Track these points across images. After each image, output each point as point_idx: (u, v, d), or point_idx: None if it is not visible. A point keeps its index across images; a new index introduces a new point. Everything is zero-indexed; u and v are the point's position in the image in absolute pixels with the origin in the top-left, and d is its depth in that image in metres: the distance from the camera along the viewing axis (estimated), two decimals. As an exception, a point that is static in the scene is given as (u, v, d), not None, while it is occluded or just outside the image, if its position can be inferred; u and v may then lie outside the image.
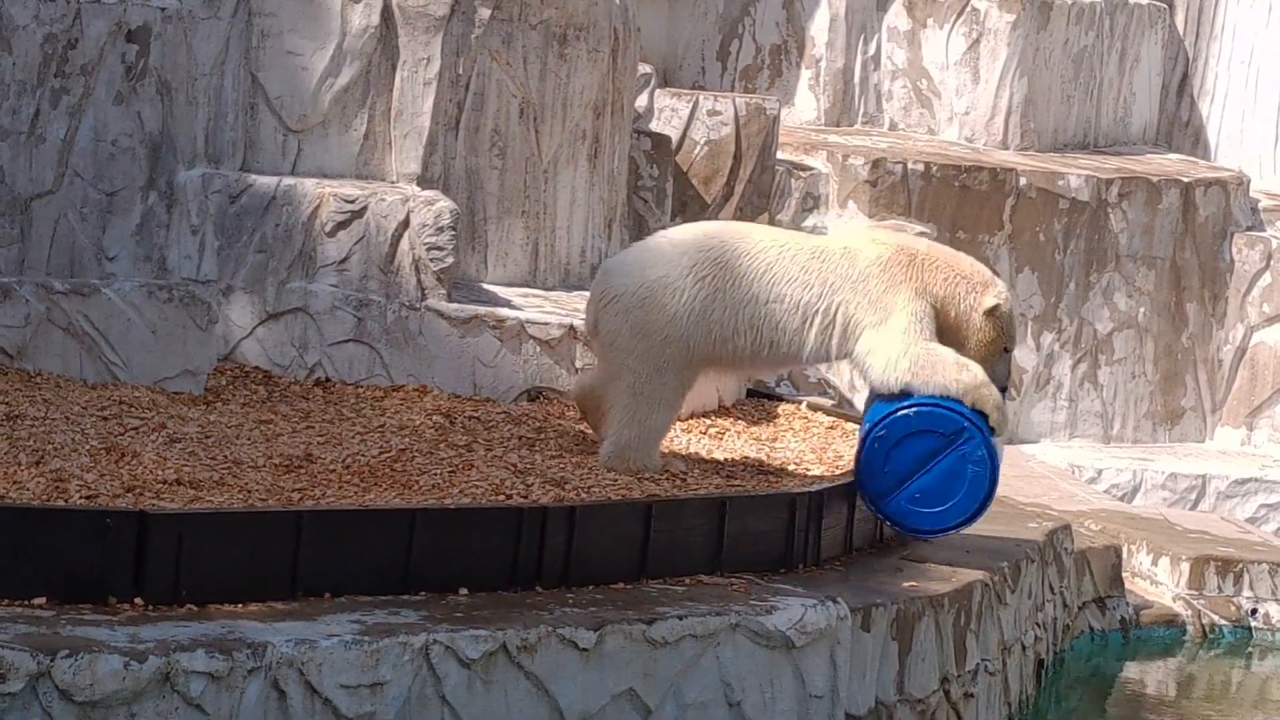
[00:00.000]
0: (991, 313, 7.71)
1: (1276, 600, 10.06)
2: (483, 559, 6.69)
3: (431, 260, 8.98)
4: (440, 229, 9.00)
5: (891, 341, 7.66)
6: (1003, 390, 7.80)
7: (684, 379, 7.86)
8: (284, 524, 6.40)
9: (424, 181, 9.29)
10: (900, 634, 7.27)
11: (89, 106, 8.43)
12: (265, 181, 8.97)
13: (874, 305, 7.70)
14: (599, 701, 6.50)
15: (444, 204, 9.07)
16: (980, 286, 7.74)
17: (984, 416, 7.59)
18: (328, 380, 8.87)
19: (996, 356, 7.77)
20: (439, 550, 6.61)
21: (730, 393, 9.31)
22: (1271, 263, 12.43)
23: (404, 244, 8.99)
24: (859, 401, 11.52)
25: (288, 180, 9.02)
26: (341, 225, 8.97)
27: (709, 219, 11.48)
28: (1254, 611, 10.03)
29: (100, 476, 6.87)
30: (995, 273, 7.87)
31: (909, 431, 7.61)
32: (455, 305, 9.02)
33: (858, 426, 9.14)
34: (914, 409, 7.62)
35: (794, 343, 7.77)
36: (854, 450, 8.48)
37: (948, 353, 7.64)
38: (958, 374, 7.65)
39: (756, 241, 7.90)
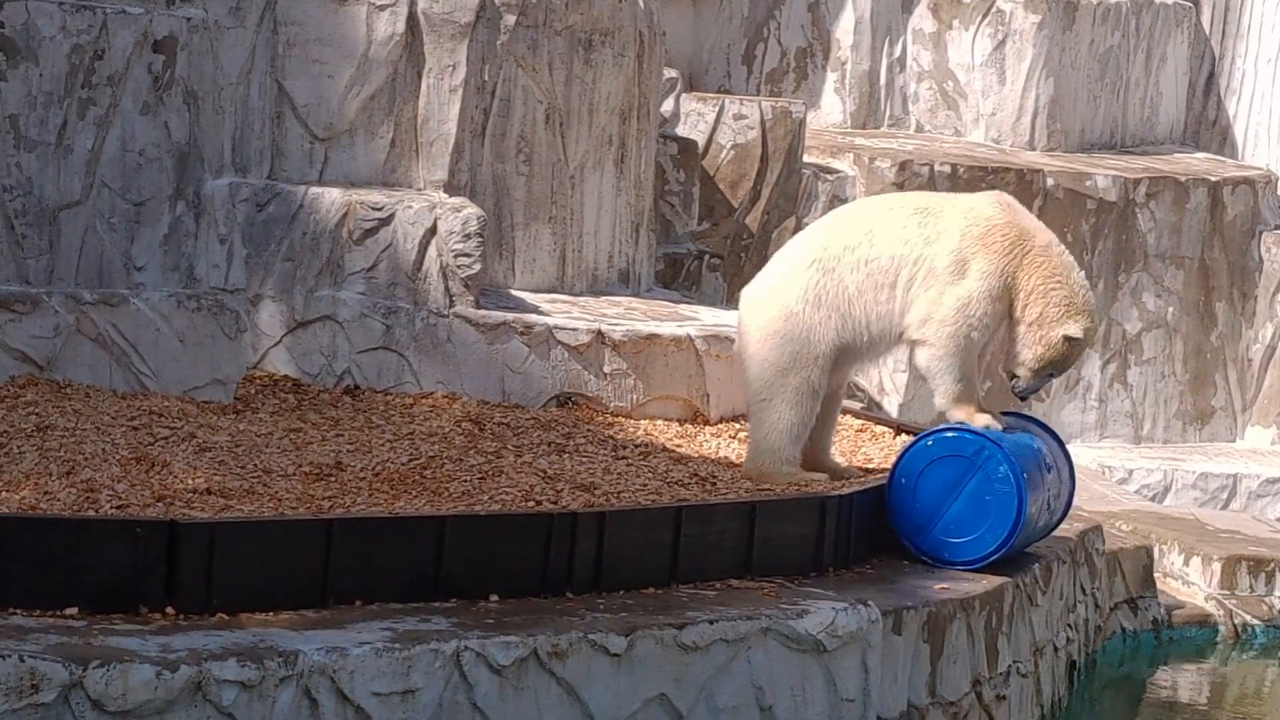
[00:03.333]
0: (1069, 339, 7.67)
1: (1309, 600, 10.04)
2: (513, 565, 6.70)
3: (459, 267, 8.98)
4: (467, 236, 9.00)
5: (946, 307, 7.61)
6: (1022, 399, 7.83)
7: (810, 379, 7.82)
8: (314, 532, 6.41)
9: (451, 188, 9.30)
10: (932, 636, 7.25)
11: (116, 117, 8.46)
12: (292, 190, 8.99)
13: (957, 261, 7.65)
14: (630, 707, 6.50)
15: (471, 211, 9.08)
16: (1076, 310, 7.67)
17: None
18: (357, 388, 8.88)
19: (1040, 375, 7.74)
20: (469, 557, 6.61)
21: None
22: (1301, 261, 12.40)
23: (431, 251, 8.99)
24: (889, 405, 11.51)
25: (315, 188, 9.03)
26: (369, 233, 8.98)
27: (736, 223, 11.48)
28: (1286, 611, 10.02)
29: (131, 486, 6.89)
30: (1095, 304, 7.85)
31: (931, 459, 7.58)
32: (483, 312, 9.02)
33: (887, 430, 9.14)
34: (931, 438, 7.60)
35: (891, 301, 7.72)
36: (885, 457, 8.48)
37: (970, 359, 7.63)
38: (955, 383, 7.64)
39: (865, 211, 7.93)
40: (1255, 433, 12.38)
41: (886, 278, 7.71)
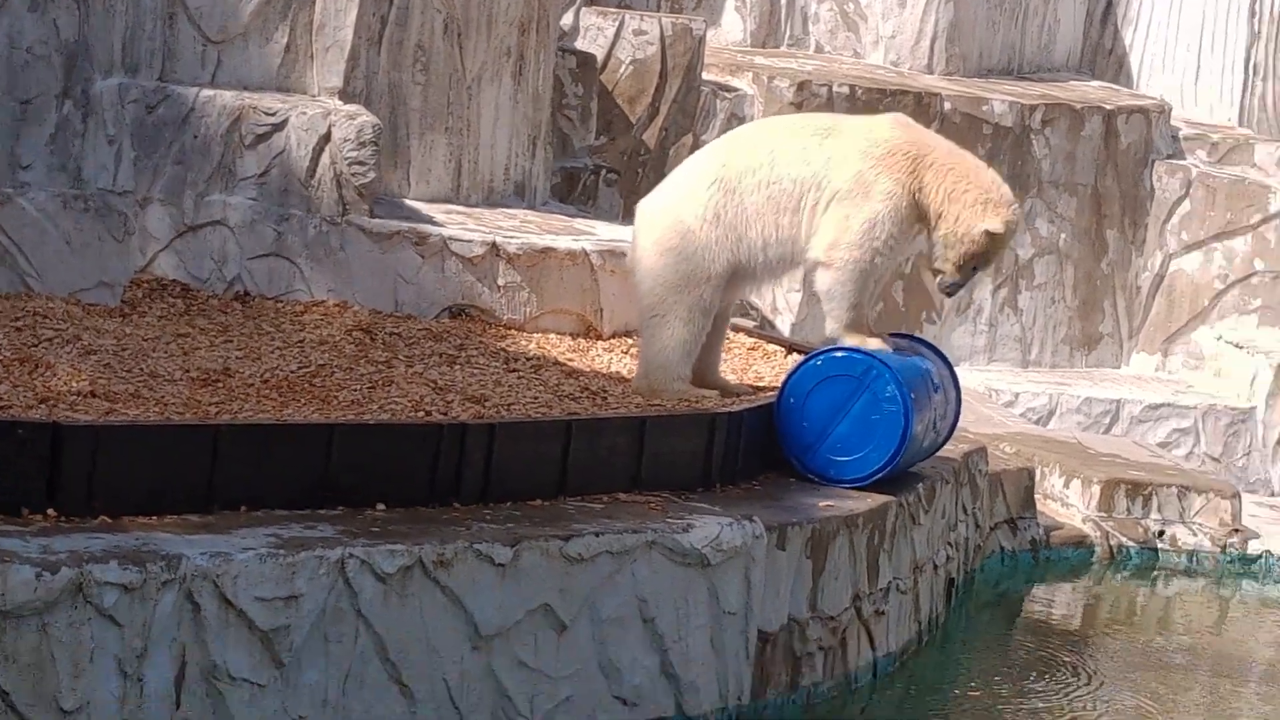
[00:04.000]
0: (989, 233, 7.70)
1: (1184, 523, 10.19)
2: (401, 475, 6.70)
3: (353, 175, 8.93)
4: (362, 144, 8.95)
5: (853, 231, 7.64)
6: (949, 294, 7.87)
7: (704, 297, 7.83)
8: (200, 438, 6.38)
9: (346, 96, 9.23)
10: (814, 553, 7.33)
11: (3, 14, 8.32)
12: (184, 92, 8.89)
13: (859, 184, 7.68)
14: (514, 616, 6.53)
15: (366, 119, 9.02)
16: (993, 205, 7.71)
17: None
18: (246, 294, 8.82)
19: (965, 270, 7.77)
20: (357, 465, 6.61)
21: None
22: (1191, 191, 12.52)
23: (325, 158, 8.93)
24: (782, 324, 11.57)
25: (207, 91, 8.94)
26: (261, 138, 8.91)
27: (633, 139, 11.47)
28: (1161, 534, 10.16)
29: (13, 388, 6.83)
30: (1013, 195, 7.87)
31: (820, 379, 7.64)
32: (377, 221, 8.98)
33: (779, 348, 9.19)
34: (820, 357, 7.67)
35: (793, 226, 7.75)
36: (776, 376, 8.54)
37: (869, 285, 7.68)
38: (849, 310, 7.69)
39: (768, 132, 7.93)
40: (1140, 359, 12.53)
41: (789, 201, 7.74)
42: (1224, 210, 12.48)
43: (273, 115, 8.92)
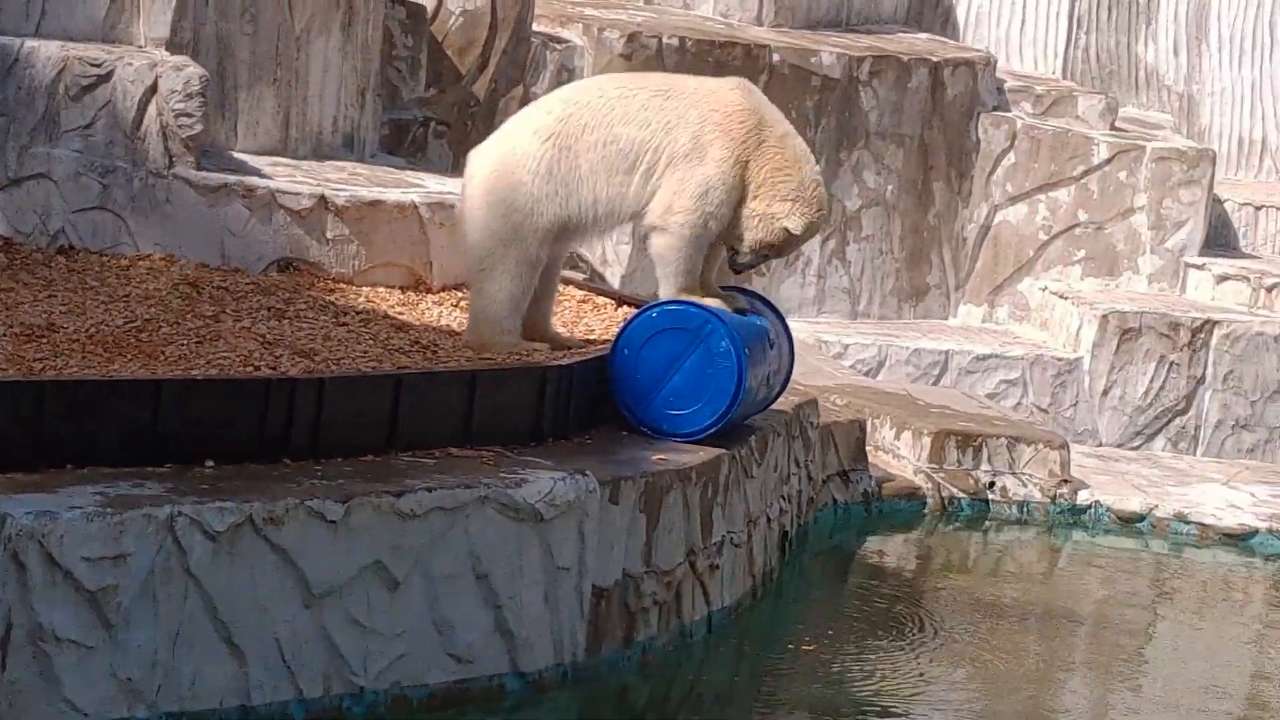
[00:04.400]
0: (788, 231, 7.75)
1: (1013, 474, 10.35)
2: (230, 430, 6.64)
3: (180, 127, 8.81)
4: (189, 95, 8.83)
5: (687, 195, 7.67)
6: (736, 271, 7.94)
7: (531, 250, 7.80)
8: (25, 394, 6.28)
9: (173, 46, 9.09)
10: (648, 507, 7.36)
11: None
12: (7, 42, 8.71)
13: (696, 147, 7.69)
14: (346, 574, 6.50)
15: (193, 70, 8.89)
16: (803, 204, 7.75)
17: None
18: (71, 248, 8.68)
19: (755, 253, 7.84)
20: (185, 422, 6.54)
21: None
22: (1016, 142, 12.68)
23: (151, 110, 8.80)
24: (611, 277, 11.58)
25: (31, 42, 8.76)
26: (86, 89, 8.76)
27: (463, 90, 11.40)
28: (991, 485, 10.32)
29: None
30: (826, 199, 7.90)
31: (655, 331, 7.66)
32: (204, 173, 8.86)
33: (609, 301, 9.21)
34: (656, 310, 7.69)
35: (625, 186, 7.74)
36: (607, 329, 8.56)
37: (702, 249, 7.72)
38: (684, 275, 7.76)
39: (603, 89, 7.90)
40: (967, 311, 12.69)
41: (624, 161, 7.75)
42: (1048, 162, 12.65)
43: (98, 66, 8.77)
